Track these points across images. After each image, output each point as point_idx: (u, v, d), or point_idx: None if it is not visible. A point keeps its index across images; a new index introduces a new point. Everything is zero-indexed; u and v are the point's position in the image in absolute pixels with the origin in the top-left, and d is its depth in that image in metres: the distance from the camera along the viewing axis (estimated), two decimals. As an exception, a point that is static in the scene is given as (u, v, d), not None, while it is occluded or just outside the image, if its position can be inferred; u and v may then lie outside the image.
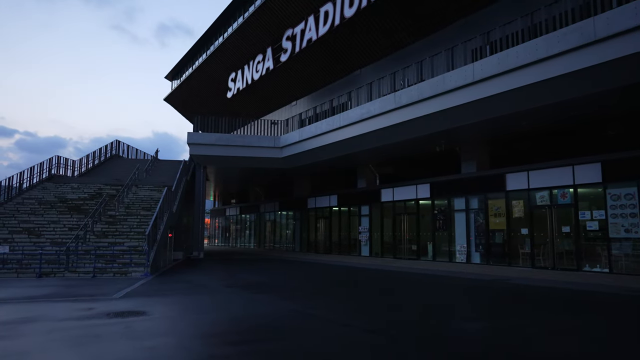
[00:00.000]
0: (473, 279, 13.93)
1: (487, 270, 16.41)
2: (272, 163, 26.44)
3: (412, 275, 15.33)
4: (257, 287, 12.30)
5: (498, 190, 18.25)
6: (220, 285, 12.94)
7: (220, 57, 33.62)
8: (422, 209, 22.12)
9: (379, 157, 23.64)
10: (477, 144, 19.76)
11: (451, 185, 20.35)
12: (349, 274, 16.40)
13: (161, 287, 12.16)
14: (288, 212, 33.95)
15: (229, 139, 25.38)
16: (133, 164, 29.05)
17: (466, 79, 15.00)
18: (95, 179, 25.32)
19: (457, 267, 17.64)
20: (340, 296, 10.94)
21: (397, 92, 17.97)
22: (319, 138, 22.92)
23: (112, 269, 15.27)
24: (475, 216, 19.15)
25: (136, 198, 22.80)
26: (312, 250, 30.12)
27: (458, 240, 19.83)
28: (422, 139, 18.97)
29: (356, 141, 20.84)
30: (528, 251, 17.10)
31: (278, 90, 31.27)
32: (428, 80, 16.72)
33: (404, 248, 22.81)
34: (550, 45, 12.47)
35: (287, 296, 10.57)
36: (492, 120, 15.73)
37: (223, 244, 45.83)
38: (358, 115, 19.99)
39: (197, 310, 8.68)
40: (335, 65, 26.35)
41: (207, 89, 38.03)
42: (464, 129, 17.27)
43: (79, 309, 8.56)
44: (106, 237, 17.56)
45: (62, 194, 22.55)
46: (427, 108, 16.63)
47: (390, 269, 17.66)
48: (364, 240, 25.20)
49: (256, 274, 16.30)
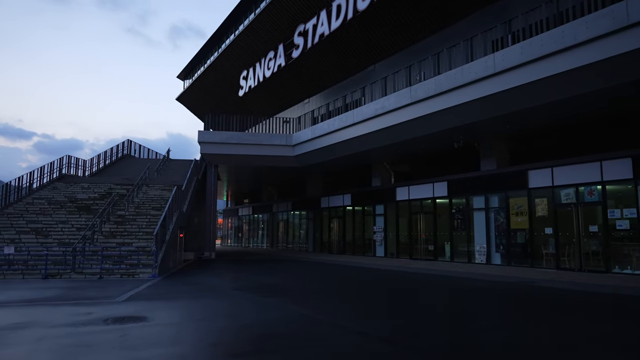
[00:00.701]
0: (496, 281, 13.17)
1: (509, 271, 15.60)
2: (284, 162, 25.87)
3: (430, 277, 14.61)
4: (268, 290, 11.71)
5: (520, 187, 17.42)
6: (229, 287, 12.39)
7: (231, 54, 33.17)
8: (439, 208, 21.34)
9: (394, 155, 22.91)
10: (497, 140, 18.93)
11: (470, 183, 19.55)
12: (363, 276, 15.74)
13: (167, 290, 11.65)
14: (301, 212, 33.36)
15: (240, 137, 24.89)
16: (144, 163, 28.72)
17: (486, 70, 14.23)
18: (105, 179, 25.03)
19: (476, 269, 16.86)
20: (355, 300, 10.30)
21: (413, 86, 17.26)
22: (332, 135, 22.29)
23: (120, 270, 14.84)
24: (496, 215, 18.33)
25: (146, 198, 22.42)
26: (326, 250, 29.49)
27: (477, 240, 19.02)
28: (439, 135, 18.23)
29: (370, 138, 20.16)
30: (552, 252, 16.25)
31: (290, 87, 30.70)
32: (445, 72, 15.98)
33: (420, 248, 22.06)
34: (578, 32, 11.66)
35: (298, 300, 9.96)
36: (514, 114, 14.93)
37: (236, 244, 45.45)
38: (372, 111, 19.31)
39: (201, 316, 8.12)
40: (348, 61, 25.68)
41: (219, 88, 37.64)
42: (483, 124, 16.49)
43: (77, 314, 8.06)
44: (114, 238, 17.16)
45: (72, 193, 22.27)
46: (445, 102, 15.90)
47: (406, 270, 16.96)
48: (379, 240, 24.50)
49: (267, 276, 15.73)
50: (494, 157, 18.93)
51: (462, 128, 17.04)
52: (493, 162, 18.94)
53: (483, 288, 12.01)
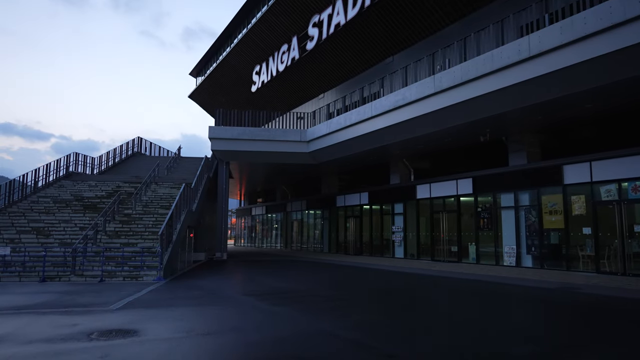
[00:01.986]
0: (534, 286, 11.84)
1: (545, 275, 14.23)
2: (298, 158, 24.75)
3: (458, 282, 13.33)
4: (280, 296, 10.59)
5: (554, 184, 16.04)
6: (238, 293, 11.29)
7: (243, 49, 32.18)
8: (464, 207, 20.02)
9: (414, 150, 21.62)
10: (528, 133, 17.54)
11: (497, 180, 18.19)
12: (384, 279, 14.53)
13: (170, 295, 10.59)
14: (316, 211, 32.20)
15: (252, 132, 23.83)
16: (155, 161, 27.81)
17: (520, 54, 12.91)
18: (114, 177, 24.20)
19: (507, 272, 15.51)
20: (379, 310, 9.10)
21: (437, 74, 15.98)
22: (349, 130, 21.09)
23: (122, 272, 13.86)
24: (527, 214, 16.96)
25: (155, 196, 21.50)
26: (342, 251, 28.30)
27: (506, 241, 17.66)
28: (465, 128, 16.94)
29: (390, 132, 18.93)
30: (590, 254, 14.85)
31: (304, 82, 29.59)
32: (473, 58, 14.68)
33: (442, 249, 20.75)
34: (630, 6, 10.30)
35: (315, 309, 8.81)
36: (549, 103, 13.59)
37: (249, 244, 44.50)
38: (392, 103, 18.07)
39: (202, 329, 7.01)
40: (365, 52, 24.47)
41: (231, 84, 36.71)
42: (514, 115, 15.16)
43: (61, 326, 7.03)
44: (119, 238, 16.21)
45: (79, 192, 21.46)
46: (472, 91, 14.61)
47: (431, 274, 15.70)
48: (398, 240, 23.23)
49: (280, 279, 14.61)
50: (524, 151, 17.55)
51: (491, 119, 15.73)
52: (523, 157, 17.56)
53: (526, 296, 10.71)
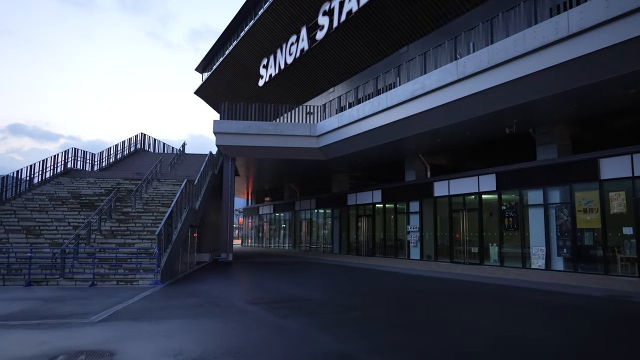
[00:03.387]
0: (574, 293, 10.43)
1: (581, 279, 12.80)
2: (308, 154, 23.45)
3: (487, 288, 11.95)
4: (289, 305, 9.30)
5: (588, 179, 14.60)
6: (242, 300, 10.00)
7: (250, 42, 30.95)
8: (486, 205, 18.60)
9: (432, 145, 20.21)
10: (559, 123, 16.10)
11: (524, 175, 16.76)
12: (404, 284, 13.18)
13: (164, 304, 9.34)
14: (325, 210, 30.88)
15: (259, 127, 22.58)
16: (159, 158, 26.72)
17: (557, 33, 11.52)
18: (114, 173, 23.08)
19: (537, 276, 14.08)
20: (404, 323, 7.75)
21: (461, 59, 14.60)
22: (361, 123, 19.76)
23: (116, 275, 12.64)
24: (558, 212, 15.52)
25: (156, 193, 20.32)
26: (353, 251, 26.96)
27: (533, 242, 16.24)
28: (489, 119, 15.54)
29: (406, 124, 17.57)
30: (632, 256, 13.40)
31: (313, 75, 28.29)
32: (502, 40, 13.30)
33: (463, 251, 19.34)
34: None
35: (331, 323, 7.49)
36: (588, 87, 12.14)
37: (256, 244, 43.29)
38: (409, 93, 16.72)
39: (193, 350, 5.70)
40: (378, 42, 23.11)
41: (238, 78, 35.52)
42: (546, 103, 13.72)
43: (26, 343, 5.80)
44: (115, 237, 15.01)
45: (77, 189, 20.35)
46: (501, 76, 13.23)
47: (453, 277, 14.32)
48: (414, 241, 21.85)
49: (289, 284, 13.31)
50: (554, 144, 16.11)
51: (519, 109, 14.30)
52: (553, 150, 16.12)
53: (573, 305, 9.30)
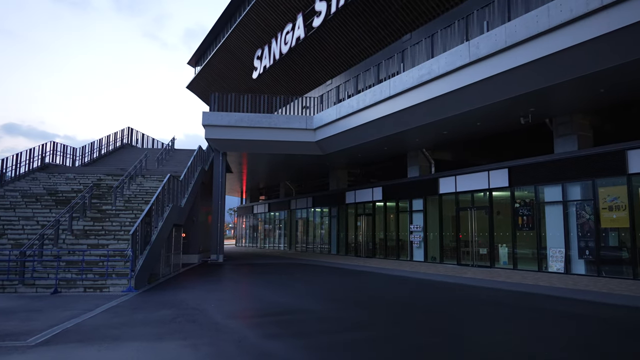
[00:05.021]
0: (619, 304, 8.95)
1: (610, 285, 11.31)
2: (303, 148, 21.95)
3: (507, 296, 10.44)
4: (279, 320, 7.78)
5: (614, 173, 13.16)
6: (223, 313, 8.47)
7: (244, 31, 29.40)
8: (497, 202, 17.14)
9: (437, 138, 18.72)
10: (580, 113, 14.66)
11: (540, 170, 15.30)
12: (412, 291, 11.68)
13: (128, 319, 7.80)
14: (323, 209, 29.36)
15: (252, 119, 21.05)
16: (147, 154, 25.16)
17: (588, 5, 10.08)
18: (96, 169, 21.49)
19: (559, 280, 12.59)
20: (420, 347, 6.24)
21: (473, 39, 13.12)
22: (362, 114, 18.27)
23: (85, 281, 11.10)
24: (579, 210, 14.07)
25: (140, 190, 18.76)
26: (352, 252, 25.46)
27: (551, 243, 14.78)
28: (504, 108, 14.08)
29: (411, 115, 16.10)
30: (665, 259, 11.96)
31: (310, 66, 26.77)
32: (521, 16, 11.82)
33: (471, 252, 17.87)
34: None
35: (326, 347, 5.98)
36: (623, 67, 10.69)
37: (251, 244, 41.74)
38: (415, 79, 15.23)
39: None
40: (379, 29, 21.60)
41: (231, 71, 33.97)
42: (569, 88, 12.25)
43: None
44: (87, 238, 13.45)
45: (54, 185, 18.77)
46: (519, 57, 11.79)
47: (465, 283, 12.82)
48: (417, 242, 20.36)
49: (281, 291, 11.79)
50: (574, 135, 14.66)
51: (539, 95, 12.84)
52: (572, 142, 14.67)
53: (630, 323, 7.84)
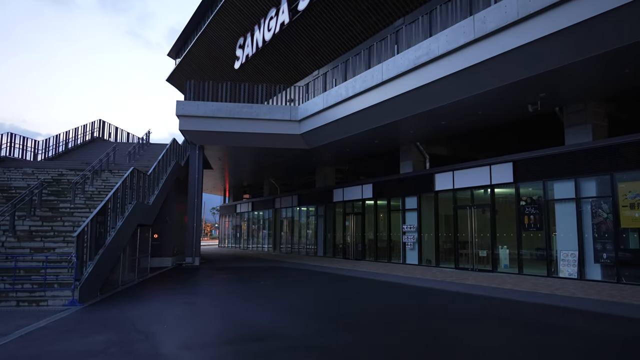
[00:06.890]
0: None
1: (637, 294, 9.79)
2: (288, 142, 20.19)
3: (524, 309, 8.81)
4: (244, 351, 6.03)
5: (637, 166, 11.64)
6: (174, 340, 6.68)
7: (225, 18, 27.54)
8: (499, 200, 15.58)
9: (435, 129, 17.06)
10: (594, 101, 13.14)
11: (549, 163, 13.75)
12: (411, 303, 10.00)
13: (46, 350, 5.99)
14: (309, 208, 27.62)
15: (231, 109, 19.24)
16: (119, 148, 23.18)
17: (620, -36, 8.50)
18: (59, 164, 19.51)
19: (576, 287, 11.01)
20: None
21: (479, 13, 11.51)
22: (351, 102, 16.58)
23: (19, 293, 9.22)
24: (595, 208, 12.53)
25: (105, 186, 16.85)
26: (340, 254, 23.75)
27: (561, 245, 13.24)
28: (509, 93, 12.49)
29: (405, 102, 14.46)
30: (696, 263, 10.46)
31: (295, 55, 25.00)
32: (536, -17, 10.23)
33: (470, 255, 16.28)
34: None
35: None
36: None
37: (235, 245, 39.81)
38: (411, 61, 13.58)
39: None
40: (369, 13, 19.90)
41: (212, 61, 32.06)
42: (593, 65, 10.70)
43: None
44: (32, 240, 11.53)
45: (8, 180, 16.78)
46: (534, 30, 10.20)
47: (469, 292, 11.17)
48: (411, 243, 18.73)
49: (256, 304, 10.00)
50: (588, 125, 13.13)
51: (553, 76, 11.26)
52: (586, 132, 13.14)
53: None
